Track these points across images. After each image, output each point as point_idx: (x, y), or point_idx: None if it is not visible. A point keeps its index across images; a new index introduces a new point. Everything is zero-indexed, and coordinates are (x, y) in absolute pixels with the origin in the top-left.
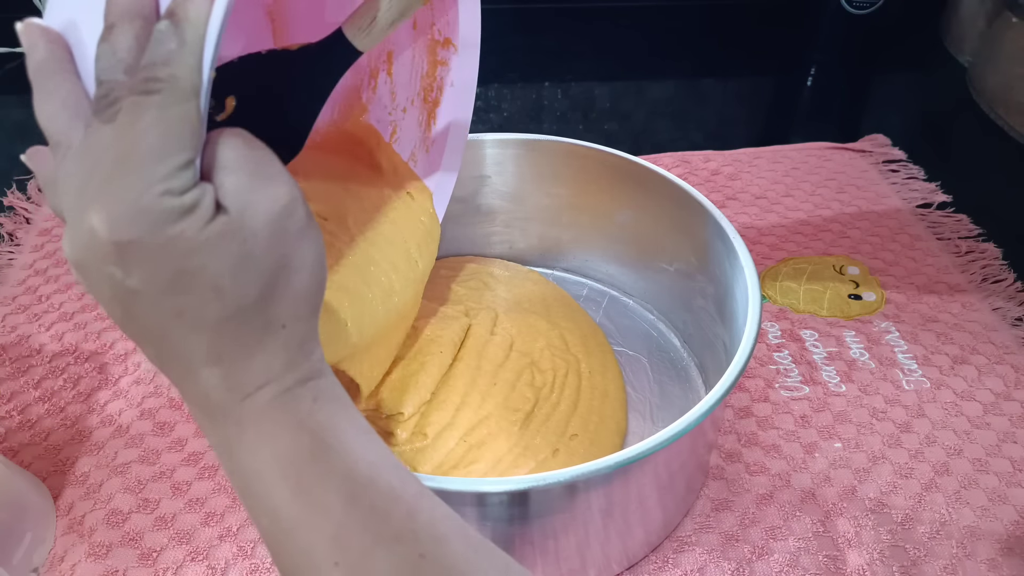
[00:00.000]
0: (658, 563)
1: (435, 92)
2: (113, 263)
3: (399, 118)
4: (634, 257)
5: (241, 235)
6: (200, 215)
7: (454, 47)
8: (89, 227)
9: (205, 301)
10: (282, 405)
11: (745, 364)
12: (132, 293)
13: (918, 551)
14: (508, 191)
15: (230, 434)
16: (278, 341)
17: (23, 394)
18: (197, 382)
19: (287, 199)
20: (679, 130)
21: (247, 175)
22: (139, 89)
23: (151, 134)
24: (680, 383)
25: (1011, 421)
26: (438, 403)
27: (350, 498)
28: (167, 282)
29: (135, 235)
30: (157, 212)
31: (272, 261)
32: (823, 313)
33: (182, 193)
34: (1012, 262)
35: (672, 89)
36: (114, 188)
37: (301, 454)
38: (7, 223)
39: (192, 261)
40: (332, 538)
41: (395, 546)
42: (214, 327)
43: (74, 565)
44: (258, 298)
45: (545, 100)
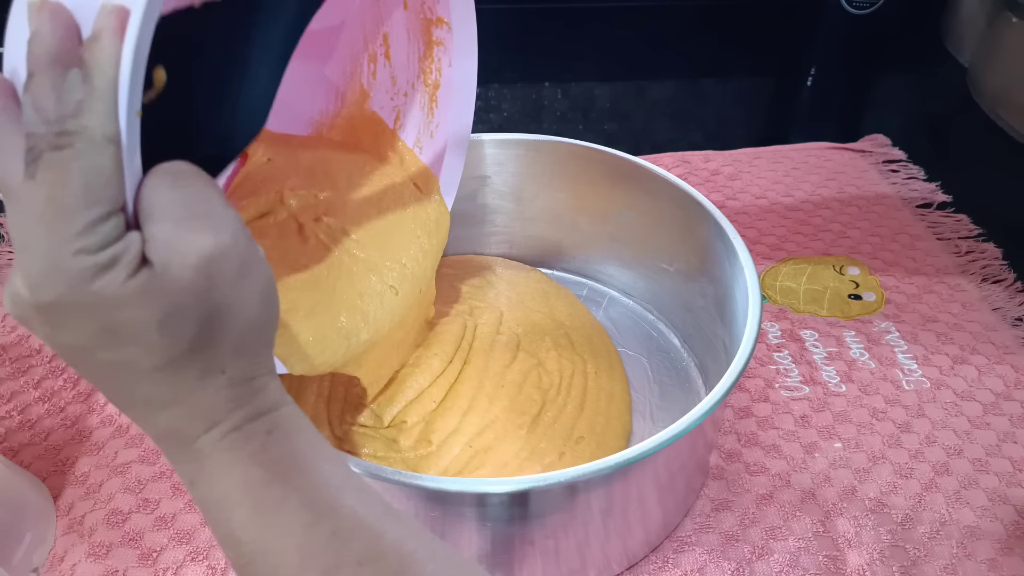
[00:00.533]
0: (658, 563)
1: (434, 74)
2: (40, 322)
3: (401, 103)
4: (634, 257)
5: (165, 290)
6: (119, 272)
7: (447, 25)
8: (14, 289)
9: (135, 355)
10: (232, 443)
11: (745, 364)
12: (64, 348)
13: (918, 551)
14: (508, 191)
15: (190, 468)
16: (218, 384)
17: (23, 394)
18: (152, 423)
19: (212, 246)
20: (679, 130)
21: (172, 224)
22: (52, 144)
23: (63, 190)
24: (680, 383)
25: (1011, 421)
26: (444, 409)
27: (309, 525)
28: (94, 338)
29: (54, 296)
30: (73, 272)
31: (203, 311)
32: (823, 313)
33: (98, 250)
34: (1012, 262)
35: (672, 89)
36: (31, 249)
37: (256, 484)
38: (7, 223)
39: (115, 317)
40: (295, 565)
41: (359, 569)
42: (149, 376)
43: (74, 565)
44: (190, 348)
45: (545, 100)
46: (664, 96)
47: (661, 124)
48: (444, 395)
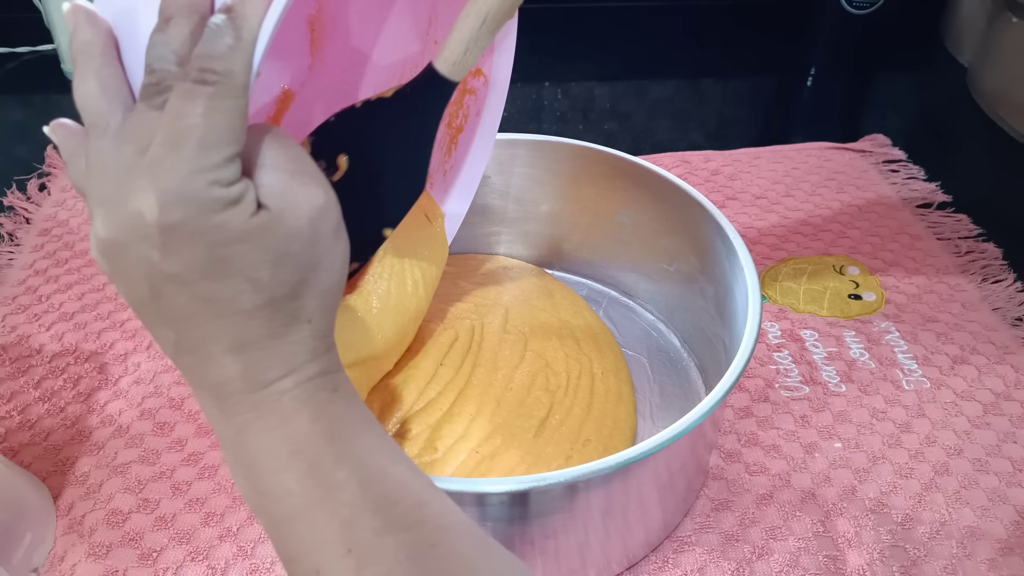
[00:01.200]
0: (658, 563)
1: (460, 119)
2: (153, 245)
3: None
4: (634, 257)
5: (281, 232)
6: (244, 208)
7: (485, 77)
8: (135, 209)
9: (239, 290)
10: (303, 393)
11: (745, 364)
12: (166, 277)
13: (918, 551)
14: (508, 191)
15: (244, 420)
16: (304, 333)
17: (23, 394)
18: (215, 369)
19: (323, 201)
20: (679, 130)
21: (287, 174)
22: (194, 78)
23: (204, 124)
24: (680, 383)
25: (1011, 421)
26: (452, 415)
27: (363, 484)
28: (205, 268)
29: (181, 218)
30: (205, 199)
31: (306, 259)
32: (823, 313)
33: (229, 185)
34: (1012, 262)
35: (672, 89)
36: (163, 171)
37: (317, 438)
38: (7, 223)
39: (232, 250)
40: (344, 521)
41: (405, 534)
42: (245, 315)
43: (74, 565)
44: (290, 292)
45: (545, 100)
46: (664, 96)
47: (661, 124)
48: (451, 403)
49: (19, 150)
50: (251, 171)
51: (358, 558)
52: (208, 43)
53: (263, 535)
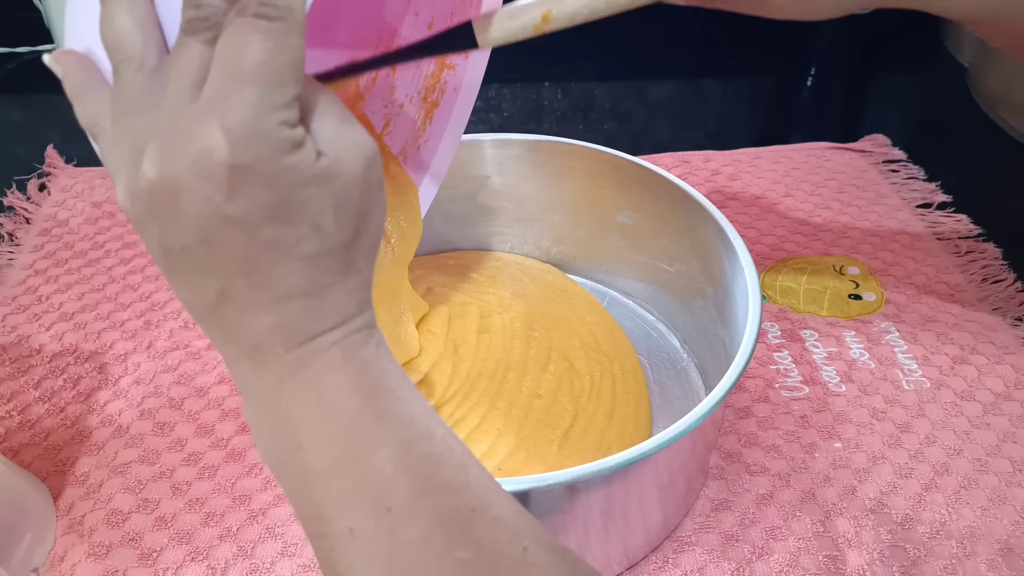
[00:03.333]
0: (658, 563)
1: (436, 94)
2: (218, 186)
3: (394, 112)
4: (634, 257)
5: (342, 178)
6: (309, 151)
7: (465, 54)
8: (201, 147)
9: (303, 235)
10: (351, 344)
11: (745, 365)
12: (227, 220)
13: (918, 551)
14: (508, 191)
15: (285, 370)
16: (356, 282)
17: (23, 394)
18: (261, 318)
19: (373, 149)
20: (679, 130)
21: (339, 121)
22: (253, 12)
23: (272, 57)
24: (680, 384)
25: (1011, 421)
26: (481, 431)
27: (407, 441)
28: (270, 211)
29: (252, 158)
30: (276, 139)
31: (362, 206)
32: (823, 313)
33: (294, 126)
34: (1012, 262)
35: (672, 89)
36: (232, 107)
37: (362, 391)
38: (7, 223)
39: (300, 194)
40: (384, 478)
41: (446, 496)
42: (305, 262)
43: (74, 565)
44: (349, 240)
45: (545, 100)
46: (664, 96)
47: (661, 124)
48: (481, 419)
49: (19, 150)
50: (304, 118)
51: (397, 517)
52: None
53: (263, 535)
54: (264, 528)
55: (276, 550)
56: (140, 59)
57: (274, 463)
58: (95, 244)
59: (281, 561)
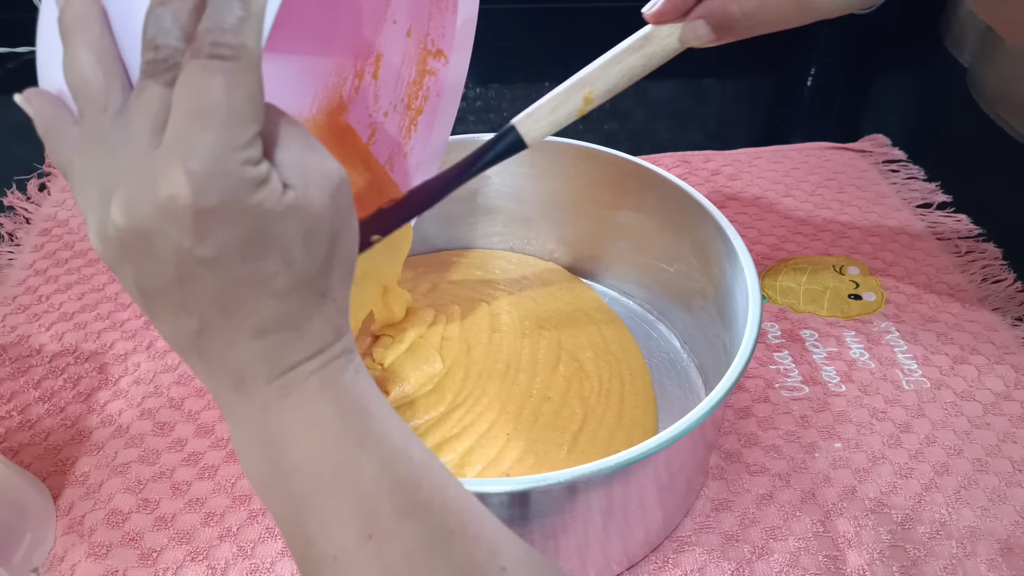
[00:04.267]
0: (658, 563)
1: (420, 100)
2: (185, 230)
3: (379, 120)
4: (634, 257)
5: (310, 209)
6: (274, 186)
7: (445, 58)
8: (166, 193)
9: (275, 270)
10: (330, 372)
11: (745, 365)
12: (198, 261)
13: (918, 551)
14: (508, 191)
15: (267, 399)
16: (331, 309)
17: (23, 394)
18: (239, 353)
19: (340, 176)
20: (679, 130)
21: (303, 151)
22: (207, 53)
23: (229, 97)
24: (680, 384)
25: (1011, 421)
26: (489, 437)
27: (386, 462)
28: (241, 249)
29: (217, 200)
30: (240, 179)
31: (331, 234)
32: (823, 313)
33: (257, 163)
34: (1012, 262)
35: (672, 89)
36: (193, 150)
37: (341, 416)
38: (7, 223)
39: (269, 230)
40: (366, 500)
41: (426, 519)
42: (281, 294)
43: (74, 565)
44: (319, 270)
45: None
46: (664, 96)
47: (661, 124)
48: (491, 424)
49: (19, 150)
50: (268, 151)
51: (378, 539)
52: (216, 16)
53: (263, 535)
54: (264, 528)
55: (276, 550)
56: (103, 101)
57: (261, 487)
58: None
59: (281, 561)
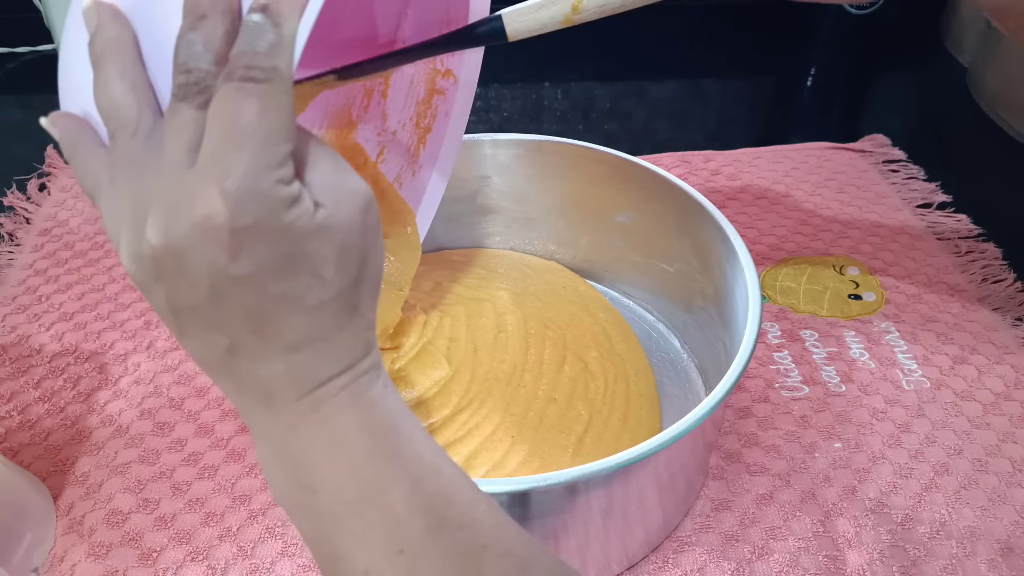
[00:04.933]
0: (658, 563)
1: (428, 119)
2: (222, 248)
3: (388, 140)
4: (634, 257)
5: (341, 227)
6: (307, 205)
7: (454, 78)
8: (202, 212)
9: (308, 286)
10: (359, 387)
11: (745, 365)
12: (233, 280)
13: (918, 551)
14: (508, 191)
15: (296, 415)
16: (361, 324)
17: (23, 394)
18: (270, 368)
19: (368, 193)
20: (679, 130)
21: (333, 170)
22: (240, 76)
23: (262, 121)
24: (680, 384)
25: (1011, 421)
26: (494, 440)
27: (417, 480)
28: (275, 267)
29: (253, 219)
30: (275, 198)
31: (361, 251)
32: (823, 313)
33: (290, 183)
34: (1012, 262)
35: (672, 89)
36: (229, 170)
37: (371, 433)
38: (7, 223)
39: (302, 247)
40: (397, 519)
41: (459, 533)
42: (312, 311)
43: (74, 565)
44: (352, 285)
45: (545, 100)
46: (664, 96)
47: (661, 124)
48: (495, 427)
49: (19, 150)
50: (298, 171)
51: (411, 557)
52: (249, 41)
53: (263, 535)
54: (264, 528)
55: (276, 550)
56: (135, 124)
57: (289, 505)
58: (95, 244)
59: (281, 561)
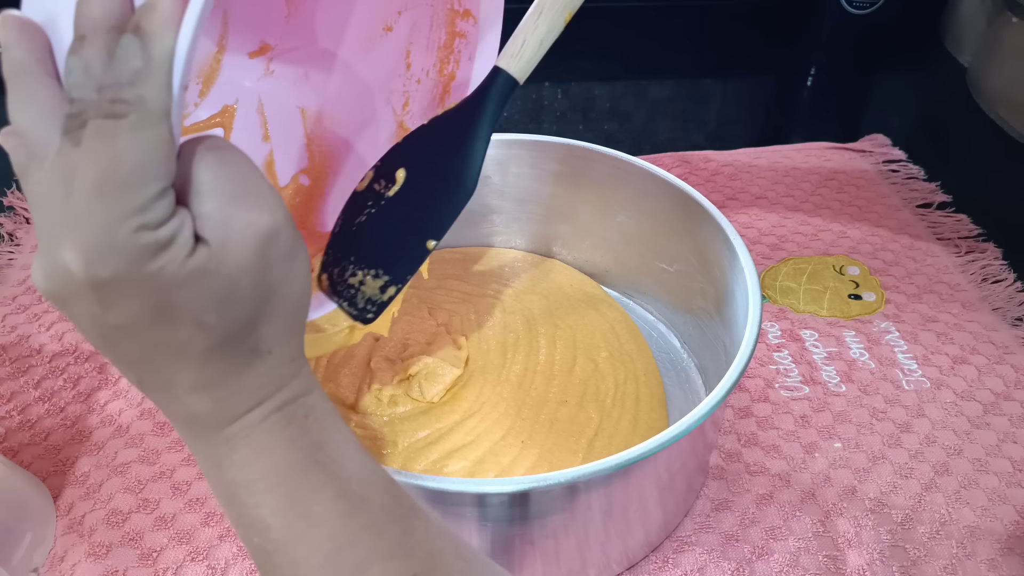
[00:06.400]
0: (658, 563)
1: (451, 65)
2: (89, 300)
3: (412, 88)
4: (634, 257)
5: (224, 269)
6: (178, 249)
7: (473, 18)
8: (63, 264)
9: (189, 335)
10: (275, 424)
11: (746, 365)
12: (112, 327)
13: (918, 551)
14: (508, 191)
15: (219, 452)
16: (266, 364)
17: (23, 394)
18: (182, 406)
19: (269, 225)
20: (679, 130)
21: (225, 200)
22: (105, 112)
23: (120, 162)
24: (680, 384)
25: (1011, 421)
26: (504, 444)
27: (344, 514)
28: (149, 317)
29: (111, 273)
30: (133, 248)
31: (258, 291)
32: (823, 313)
33: (158, 227)
34: (1012, 262)
35: (672, 89)
36: (85, 222)
37: (294, 469)
38: (7, 223)
39: (174, 297)
40: (326, 556)
41: (390, 563)
42: (200, 357)
43: (74, 565)
44: (244, 327)
45: (545, 100)
46: (664, 96)
47: (661, 124)
48: (505, 431)
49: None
50: (186, 198)
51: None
52: (116, 68)
53: None
54: None
55: None
56: (43, 154)
57: (238, 534)
58: None
59: None
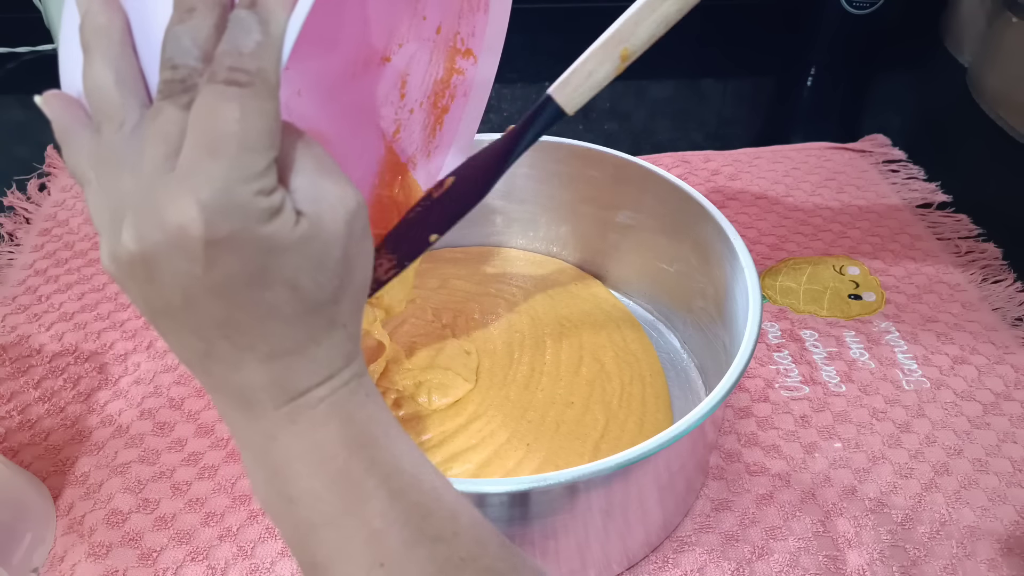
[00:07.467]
0: (658, 563)
1: (446, 99)
2: (195, 259)
3: (404, 117)
4: (634, 257)
5: (322, 238)
6: (287, 217)
7: (474, 58)
8: (176, 223)
9: (282, 298)
10: (338, 399)
11: (746, 365)
12: (206, 288)
13: (918, 551)
14: (508, 191)
15: (274, 425)
16: (340, 335)
17: (23, 394)
18: (246, 377)
19: (355, 201)
20: (679, 130)
21: (318, 176)
22: (224, 78)
23: (243, 128)
24: (680, 384)
25: (1011, 421)
26: (510, 447)
27: (395, 492)
28: (248, 278)
29: (228, 232)
30: (253, 210)
31: (344, 261)
32: (823, 313)
33: (271, 192)
34: (1012, 262)
35: (672, 89)
36: (205, 180)
37: (349, 444)
38: (7, 223)
39: (279, 260)
40: (373, 532)
41: (437, 546)
42: (286, 322)
43: (74, 565)
44: (330, 297)
45: None
46: (664, 96)
47: (661, 124)
48: (510, 434)
49: (19, 150)
50: (283, 176)
51: (390, 568)
52: (235, 39)
53: (263, 535)
54: (264, 528)
55: (276, 550)
56: (120, 118)
57: (271, 512)
58: (95, 244)
59: (281, 561)
